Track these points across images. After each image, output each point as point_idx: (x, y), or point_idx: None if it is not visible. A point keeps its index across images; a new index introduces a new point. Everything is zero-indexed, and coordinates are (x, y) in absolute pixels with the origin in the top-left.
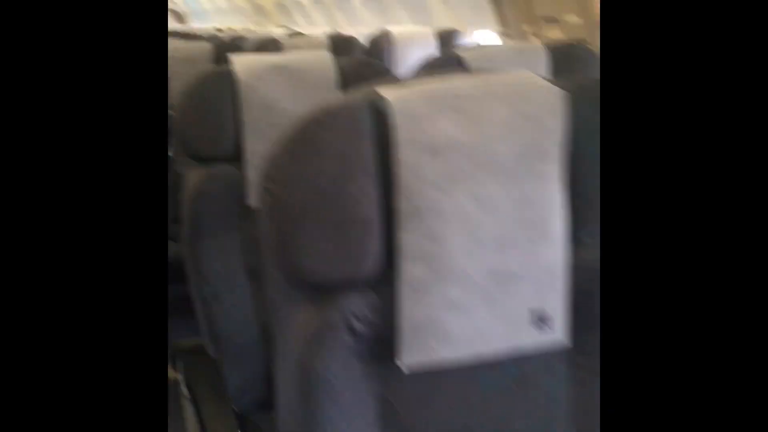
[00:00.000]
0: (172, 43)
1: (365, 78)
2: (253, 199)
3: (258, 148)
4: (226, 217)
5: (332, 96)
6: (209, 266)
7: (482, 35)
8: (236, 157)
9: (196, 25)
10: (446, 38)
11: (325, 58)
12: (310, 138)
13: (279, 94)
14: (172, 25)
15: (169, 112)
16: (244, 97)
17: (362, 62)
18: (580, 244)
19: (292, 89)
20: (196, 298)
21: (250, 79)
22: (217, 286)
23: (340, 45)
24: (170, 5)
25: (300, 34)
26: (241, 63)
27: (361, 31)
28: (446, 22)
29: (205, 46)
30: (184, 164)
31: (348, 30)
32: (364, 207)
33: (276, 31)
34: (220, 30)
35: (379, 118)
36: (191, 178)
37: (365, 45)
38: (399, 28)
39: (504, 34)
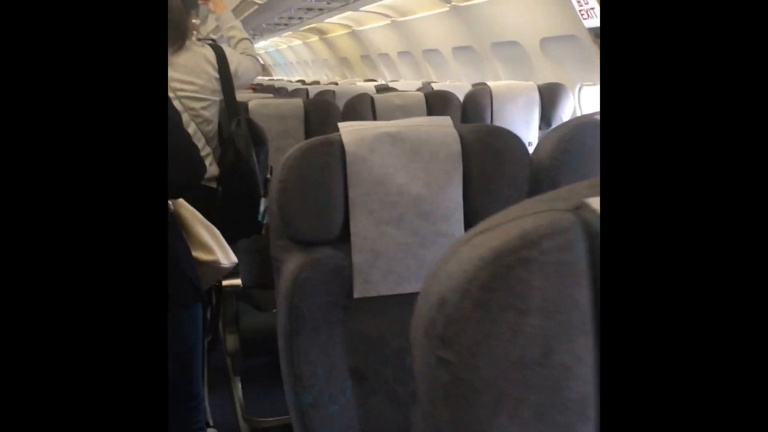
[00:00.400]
0: (261, 99)
1: (494, 150)
2: (360, 290)
3: (367, 230)
4: (329, 310)
5: (454, 170)
6: (308, 370)
7: (592, 91)
8: (343, 239)
9: (279, 77)
10: (551, 94)
11: (445, 126)
12: (507, 282)
13: (392, 168)
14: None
15: (268, 176)
16: (352, 171)
17: (489, 131)
18: None
19: (407, 162)
20: (291, 404)
21: (359, 150)
22: (317, 394)
23: (436, 100)
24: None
25: (389, 87)
26: (349, 131)
27: (452, 84)
28: (549, 77)
29: (296, 103)
30: (282, 247)
31: (437, 83)
32: (579, 380)
33: (364, 85)
34: (303, 82)
35: (594, 245)
36: (290, 264)
37: (460, 100)
38: (499, 83)
39: None
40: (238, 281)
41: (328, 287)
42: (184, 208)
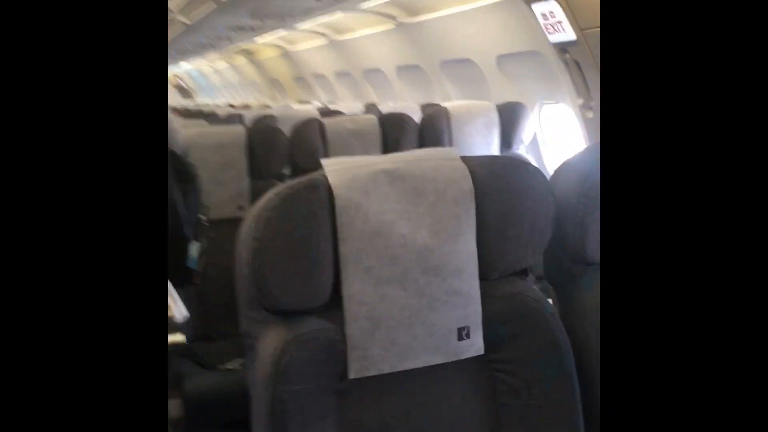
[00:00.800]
0: (198, 128)
1: (511, 187)
2: (356, 369)
3: (363, 293)
4: (320, 398)
5: (466, 214)
6: None
7: (554, 110)
8: (334, 306)
9: (203, 100)
10: (510, 114)
11: (452, 160)
12: None
13: (392, 214)
14: (179, 101)
15: (201, 216)
16: (344, 221)
17: (505, 164)
18: None
19: (410, 206)
20: None
21: (351, 194)
22: None
23: (390, 123)
24: (175, 81)
25: (334, 111)
26: (336, 170)
27: (396, 105)
28: (506, 96)
29: (238, 131)
30: (254, 321)
31: (382, 106)
32: None
33: (305, 108)
34: (232, 106)
35: None
36: (269, 343)
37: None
38: (456, 103)
39: (588, 109)
40: (181, 337)
41: (318, 369)
42: None
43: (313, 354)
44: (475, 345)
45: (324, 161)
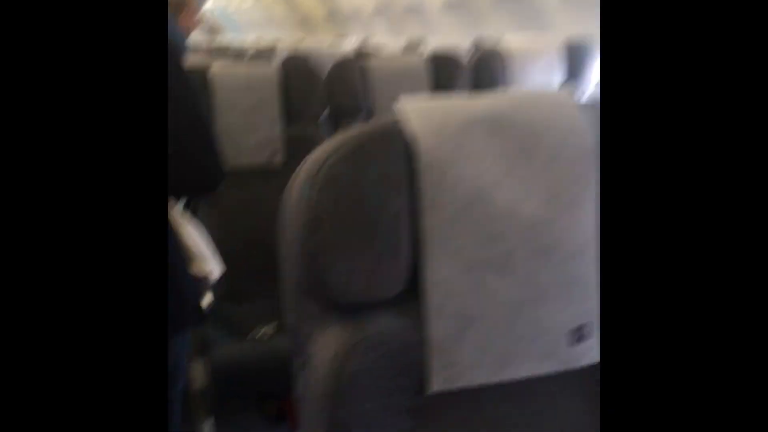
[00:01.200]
0: (226, 65)
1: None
2: (440, 379)
3: (452, 280)
4: (390, 418)
5: (588, 176)
6: None
7: None
8: (410, 297)
9: (230, 38)
10: (577, 54)
11: (569, 105)
12: None
13: (492, 175)
14: (205, 38)
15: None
16: (429, 183)
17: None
18: None
19: (518, 165)
20: None
21: (439, 148)
22: None
23: (441, 65)
24: (203, 18)
25: (374, 51)
26: (418, 113)
27: (443, 44)
28: (571, 32)
29: (270, 70)
30: (310, 317)
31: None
32: None
33: (340, 47)
34: (261, 43)
35: None
36: (326, 347)
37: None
38: (515, 39)
39: None
40: (209, 298)
41: (390, 382)
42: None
43: (383, 362)
44: (595, 349)
45: (407, 104)
